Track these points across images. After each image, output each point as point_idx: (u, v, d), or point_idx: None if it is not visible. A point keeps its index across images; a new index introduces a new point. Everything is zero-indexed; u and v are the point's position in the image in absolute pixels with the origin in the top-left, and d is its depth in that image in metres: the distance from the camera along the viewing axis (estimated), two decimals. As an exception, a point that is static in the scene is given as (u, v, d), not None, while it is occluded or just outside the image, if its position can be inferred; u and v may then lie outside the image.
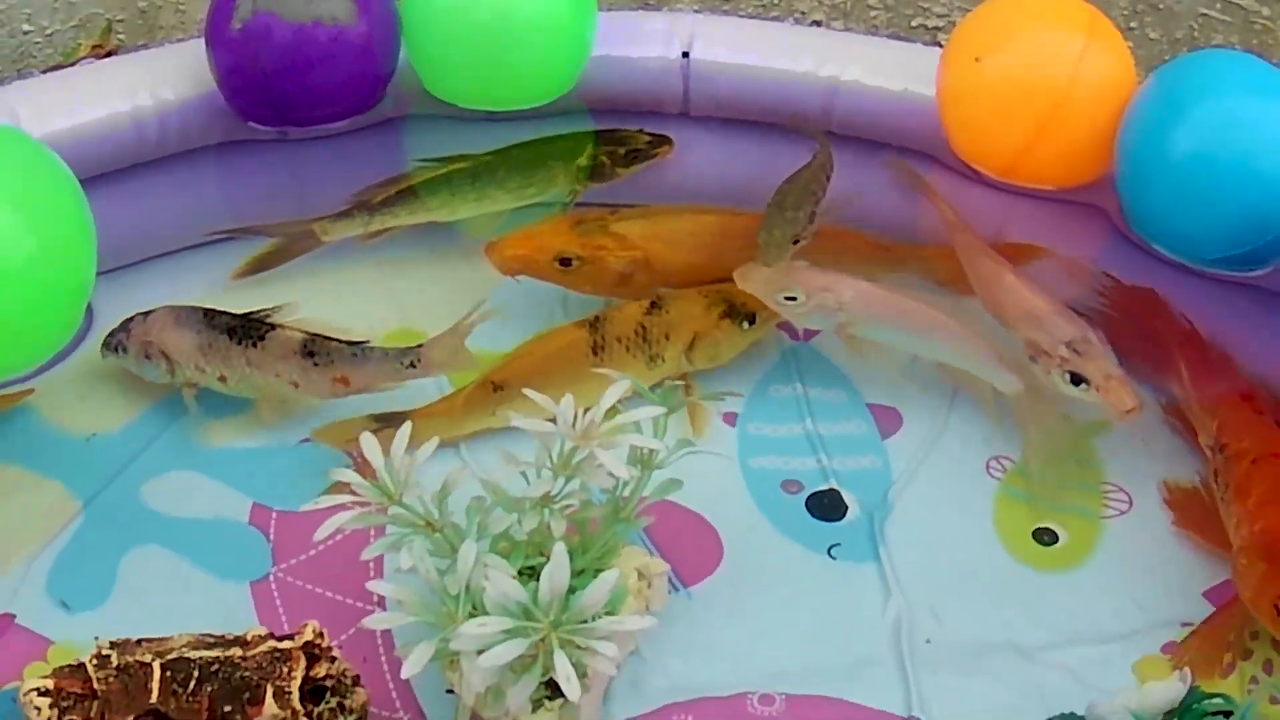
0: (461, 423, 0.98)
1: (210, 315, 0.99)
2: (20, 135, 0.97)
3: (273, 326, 0.98)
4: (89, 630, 0.86)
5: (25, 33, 1.34)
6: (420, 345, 0.98)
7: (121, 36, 1.34)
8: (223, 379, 0.98)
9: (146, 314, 1.00)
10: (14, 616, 0.90)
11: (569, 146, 1.11)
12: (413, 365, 0.97)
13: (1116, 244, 1.02)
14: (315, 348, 0.97)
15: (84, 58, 1.23)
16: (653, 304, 1.02)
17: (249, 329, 0.97)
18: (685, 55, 1.09)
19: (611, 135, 1.11)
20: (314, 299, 1.02)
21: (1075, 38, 0.98)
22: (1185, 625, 0.90)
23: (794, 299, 0.99)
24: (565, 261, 1.03)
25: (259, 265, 1.08)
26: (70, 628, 0.89)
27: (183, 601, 0.90)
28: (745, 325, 1.02)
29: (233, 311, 0.99)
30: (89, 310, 1.01)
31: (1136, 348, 1.01)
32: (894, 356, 1.02)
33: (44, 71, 1.15)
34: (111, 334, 1.01)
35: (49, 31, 1.35)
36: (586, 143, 1.11)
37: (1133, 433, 0.99)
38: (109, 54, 1.23)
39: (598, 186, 1.10)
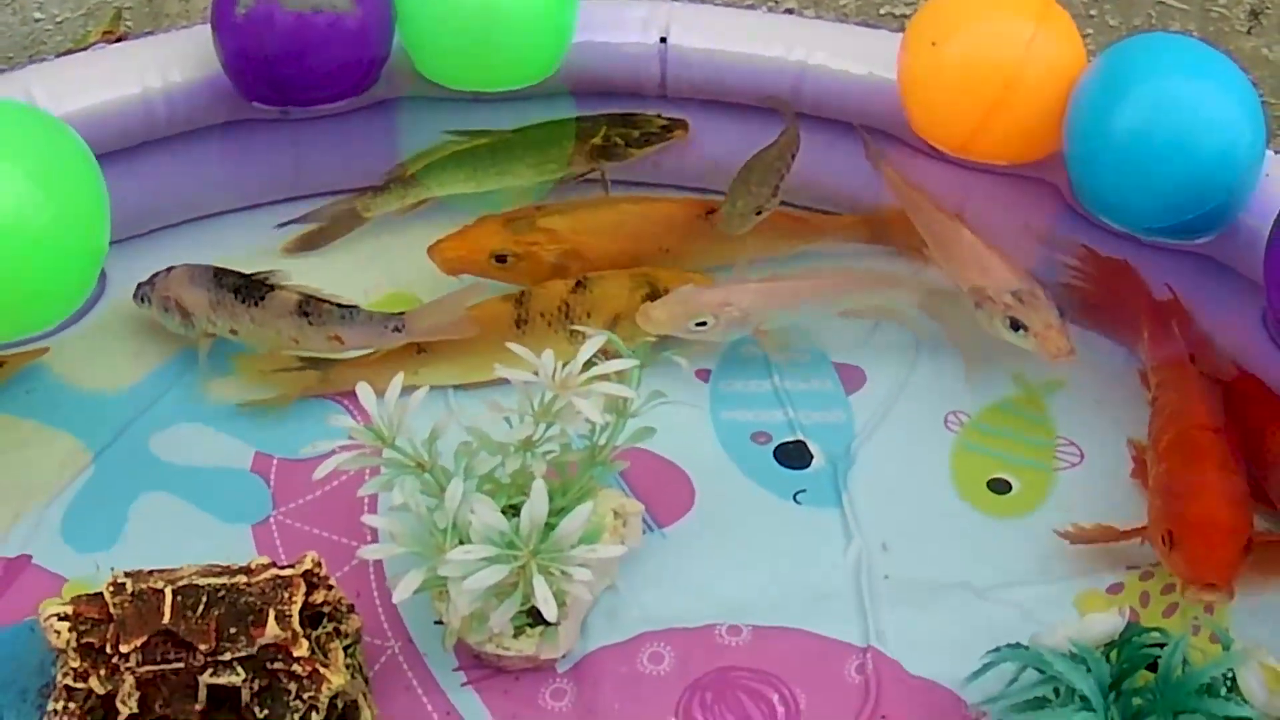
0: (378, 376, 1.01)
1: (219, 275, 1.05)
2: (36, 111, 1.03)
3: (272, 288, 1.04)
4: (99, 570, 0.92)
5: (36, 20, 1.41)
6: (404, 313, 1.05)
7: (129, 23, 1.40)
8: (234, 331, 1.05)
9: (169, 270, 1.07)
10: (30, 557, 0.96)
11: (585, 127, 1.17)
12: (397, 330, 1.04)
13: (1066, 216, 1.08)
14: (309, 308, 1.03)
15: (95, 43, 1.30)
16: (578, 283, 1.07)
17: (251, 289, 1.04)
18: (663, 41, 1.15)
19: (626, 118, 1.17)
20: (325, 263, 1.11)
21: (1026, 23, 1.05)
22: (1130, 569, 0.96)
23: (704, 324, 1.03)
24: (501, 258, 1.09)
25: (308, 243, 1.15)
26: (83, 567, 0.95)
27: (188, 543, 0.95)
28: None
29: (240, 271, 1.05)
30: (103, 275, 1.07)
31: (1109, 313, 1.07)
32: (857, 321, 1.09)
33: (57, 56, 1.22)
34: (139, 286, 1.08)
35: (59, 19, 1.41)
36: (602, 124, 1.17)
37: (1086, 393, 1.06)
38: (119, 39, 1.30)
39: (612, 166, 1.16)
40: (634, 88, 1.16)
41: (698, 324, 1.03)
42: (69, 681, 0.85)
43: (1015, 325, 1.01)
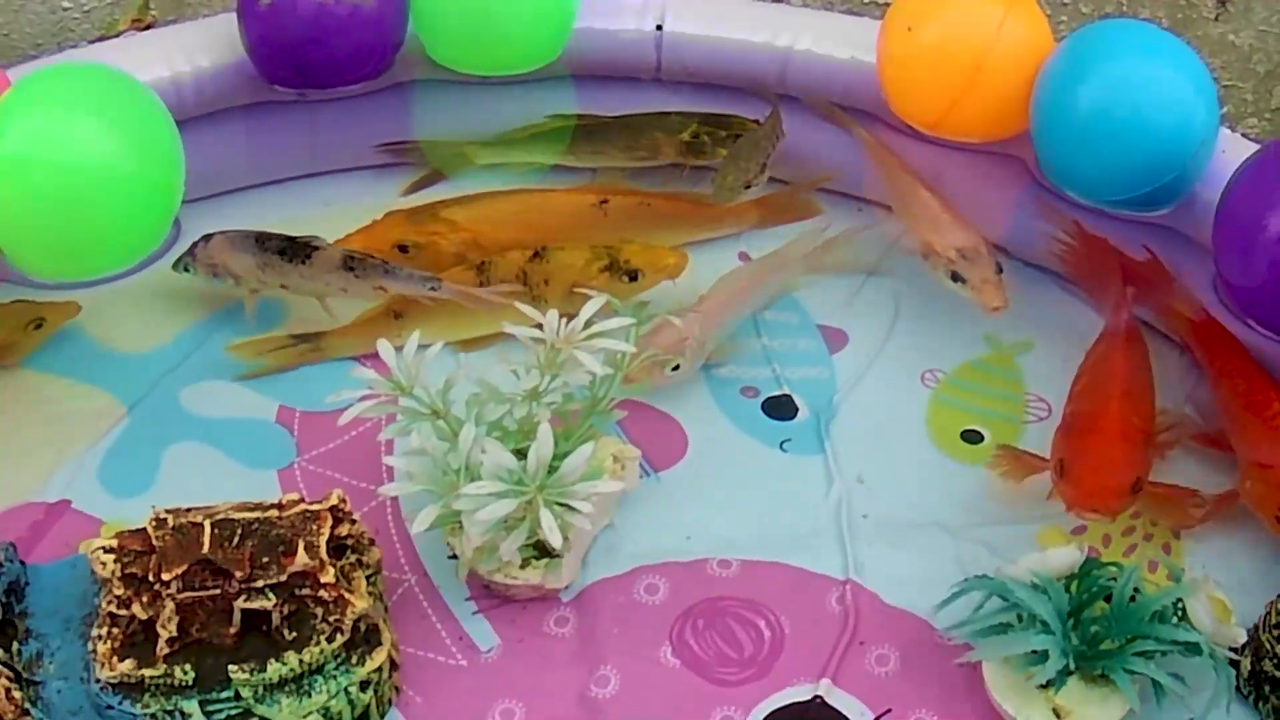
0: (364, 342, 1.11)
1: (260, 239, 1.13)
2: (123, 75, 1.10)
3: (316, 248, 1.12)
4: (135, 513, 0.99)
5: (64, 9, 1.48)
6: (441, 275, 1.12)
7: (154, 12, 1.47)
8: (284, 286, 1.13)
9: (207, 238, 1.14)
10: (70, 502, 1.04)
11: (677, 121, 1.24)
12: (434, 288, 1.11)
13: (1034, 190, 1.16)
14: (354, 264, 1.11)
15: (125, 31, 1.37)
16: (535, 254, 1.13)
17: (295, 250, 1.12)
18: (659, 28, 1.23)
19: (720, 118, 1.24)
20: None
21: (995, 9, 1.12)
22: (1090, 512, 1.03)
23: (678, 367, 1.09)
24: (403, 248, 1.16)
25: (422, 184, 1.24)
26: (118, 510, 1.03)
27: (218, 488, 1.01)
28: (626, 280, 1.13)
29: (281, 234, 1.13)
30: (177, 223, 1.14)
31: (1085, 280, 1.15)
32: (840, 287, 1.16)
33: (90, 43, 1.29)
34: (180, 258, 1.14)
35: (87, 8, 1.48)
36: (692, 121, 1.24)
37: (1055, 352, 1.13)
38: (148, 27, 1.38)
39: (697, 162, 1.22)
40: (631, 71, 1.24)
41: (673, 369, 1.08)
42: (112, 609, 0.93)
43: (955, 277, 1.10)
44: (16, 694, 0.90)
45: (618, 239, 1.15)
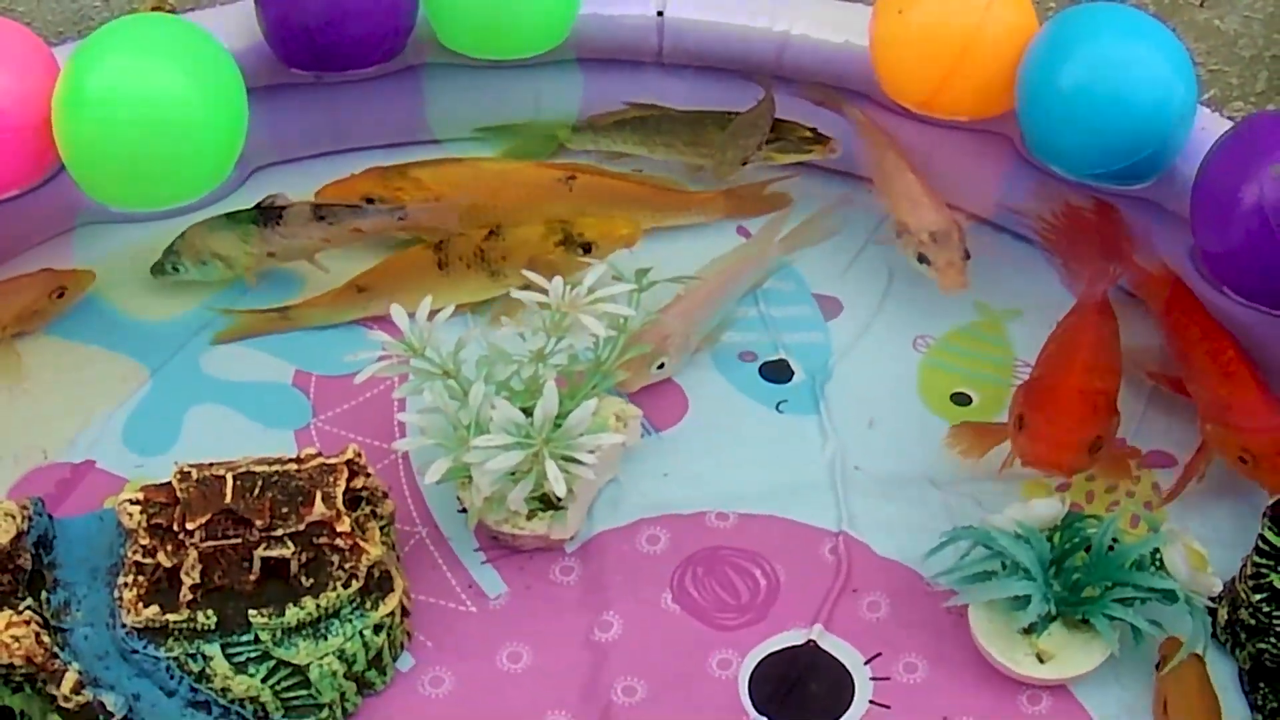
0: (331, 315, 1.18)
1: (231, 216, 1.18)
2: (194, 26, 1.17)
3: (283, 206, 1.18)
4: (157, 472, 1.03)
5: (84, -5, 1.53)
6: (406, 205, 1.19)
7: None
8: (271, 254, 1.18)
9: (181, 236, 1.18)
10: (95, 461, 1.09)
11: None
12: (401, 218, 1.19)
13: (1019, 165, 1.20)
14: (324, 212, 1.18)
15: (146, 17, 1.42)
16: (490, 232, 1.19)
17: (266, 215, 1.18)
18: (660, 14, 1.27)
19: (776, 123, 1.26)
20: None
21: (982, -6, 1.18)
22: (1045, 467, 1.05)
23: (663, 365, 1.12)
24: (369, 200, 1.22)
25: (515, 156, 1.29)
26: (142, 470, 1.07)
27: (236, 448, 1.04)
28: (580, 253, 1.18)
29: (247, 207, 1.19)
30: (241, 167, 1.19)
31: (1068, 256, 1.19)
32: (836, 258, 1.21)
33: (113, 29, 1.34)
34: (163, 262, 1.18)
35: (106, -5, 1.54)
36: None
37: (1042, 319, 1.15)
38: (171, 13, 1.41)
39: (754, 163, 1.24)
40: (634, 55, 1.29)
41: (658, 367, 1.12)
42: (138, 558, 0.97)
43: (921, 259, 1.15)
44: (46, 639, 0.95)
45: (572, 213, 1.20)
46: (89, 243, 1.23)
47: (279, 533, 0.96)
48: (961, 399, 1.13)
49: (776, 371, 1.14)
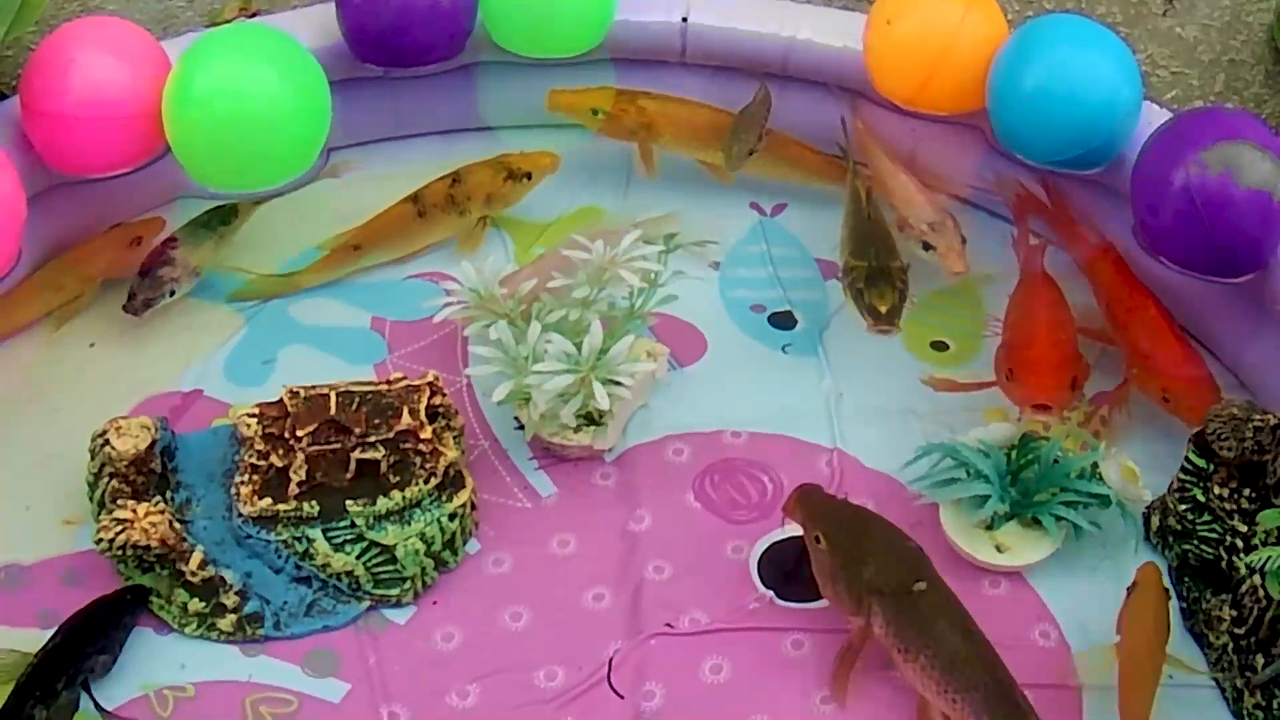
0: (332, 273, 1.37)
1: (189, 230, 1.36)
2: (284, 34, 1.36)
3: (234, 206, 1.36)
4: (256, 399, 1.22)
5: (171, -2, 1.69)
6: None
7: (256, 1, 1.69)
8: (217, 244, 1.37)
9: (155, 273, 1.33)
10: (202, 390, 1.29)
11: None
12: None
13: (989, 153, 1.40)
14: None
15: (233, 19, 1.61)
16: (454, 179, 1.41)
17: (221, 216, 1.37)
18: (684, 20, 1.47)
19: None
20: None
21: (957, 7, 1.37)
22: (1037, 406, 1.23)
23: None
24: (595, 112, 1.44)
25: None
26: (242, 398, 1.26)
27: (324, 379, 1.23)
28: (525, 180, 1.42)
29: (195, 217, 1.37)
30: (326, 152, 1.39)
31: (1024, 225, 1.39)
32: (836, 230, 1.39)
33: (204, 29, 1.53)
34: (151, 300, 1.32)
35: (191, -4, 1.70)
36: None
37: (1011, 283, 1.34)
38: (253, 15, 1.61)
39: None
40: (660, 56, 1.48)
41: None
42: (253, 460, 1.17)
43: (926, 247, 1.34)
44: (177, 525, 1.14)
45: (510, 156, 1.44)
46: (185, 213, 1.40)
47: (372, 439, 1.15)
48: (940, 346, 1.34)
49: (782, 320, 1.35)
